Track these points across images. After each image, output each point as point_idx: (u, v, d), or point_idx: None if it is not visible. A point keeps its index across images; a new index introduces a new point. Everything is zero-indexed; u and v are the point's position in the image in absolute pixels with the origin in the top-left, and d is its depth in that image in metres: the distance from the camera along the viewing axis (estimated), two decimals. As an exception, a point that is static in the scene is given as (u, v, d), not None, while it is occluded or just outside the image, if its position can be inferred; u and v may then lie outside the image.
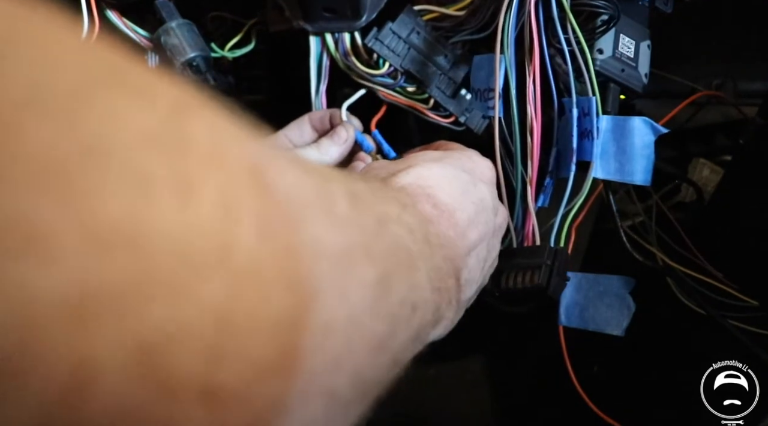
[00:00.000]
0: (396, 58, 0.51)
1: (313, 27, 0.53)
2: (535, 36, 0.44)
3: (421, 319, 0.27)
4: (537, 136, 0.45)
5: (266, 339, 0.16)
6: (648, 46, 0.51)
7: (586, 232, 0.71)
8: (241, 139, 0.18)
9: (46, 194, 0.12)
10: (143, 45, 0.53)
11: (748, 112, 0.63)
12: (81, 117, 0.13)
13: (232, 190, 0.16)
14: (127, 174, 0.13)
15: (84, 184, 0.13)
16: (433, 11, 0.52)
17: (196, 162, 0.15)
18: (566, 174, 0.44)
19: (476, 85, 0.52)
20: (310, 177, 0.21)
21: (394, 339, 0.24)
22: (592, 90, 0.44)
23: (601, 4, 0.44)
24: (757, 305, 0.54)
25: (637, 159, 0.44)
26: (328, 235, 0.20)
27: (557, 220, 0.45)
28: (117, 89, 0.15)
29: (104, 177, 0.13)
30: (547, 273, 0.43)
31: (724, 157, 0.63)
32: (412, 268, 0.27)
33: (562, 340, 0.49)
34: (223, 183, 0.15)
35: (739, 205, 0.54)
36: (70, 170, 0.13)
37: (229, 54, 0.60)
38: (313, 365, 0.18)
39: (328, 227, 0.20)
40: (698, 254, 0.57)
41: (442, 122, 0.53)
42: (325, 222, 0.20)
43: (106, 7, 0.51)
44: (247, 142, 0.18)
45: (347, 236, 0.21)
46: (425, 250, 0.29)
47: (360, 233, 0.23)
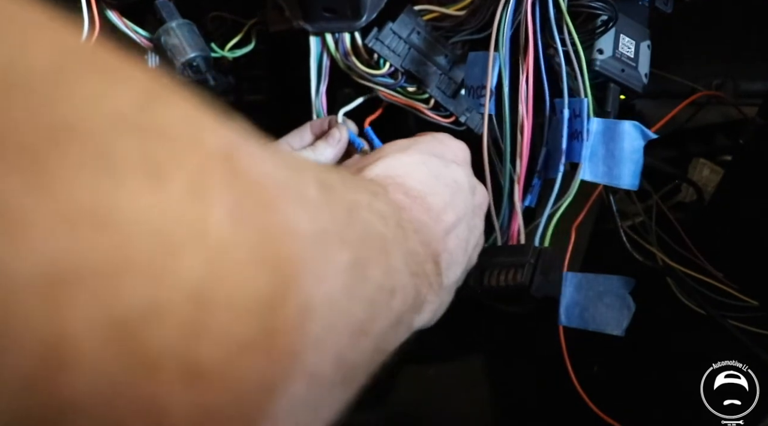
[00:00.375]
0: (396, 58, 0.51)
1: (313, 27, 0.53)
2: (531, 35, 0.44)
3: (401, 303, 0.27)
4: (527, 134, 0.45)
5: (246, 317, 0.16)
6: (648, 46, 0.51)
7: (586, 232, 0.71)
8: (214, 126, 0.18)
9: (18, 173, 0.12)
10: (143, 45, 0.53)
11: (748, 112, 0.63)
12: (55, 98, 0.14)
13: (203, 175, 0.16)
14: (99, 156, 0.14)
15: (56, 164, 0.13)
16: (434, 11, 0.52)
17: (169, 147, 0.15)
18: (554, 174, 0.45)
19: (470, 82, 0.52)
20: (282, 164, 0.21)
21: (375, 323, 0.25)
22: (584, 92, 0.44)
23: (598, 6, 0.44)
24: (757, 305, 0.54)
25: (626, 163, 0.44)
26: (301, 219, 0.20)
27: (543, 220, 0.45)
28: (91, 73, 0.15)
29: (76, 158, 0.13)
30: (530, 272, 0.42)
31: (724, 157, 0.63)
32: (387, 253, 0.27)
33: (562, 340, 0.49)
34: (195, 168, 0.16)
35: (739, 205, 0.54)
36: (42, 150, 0.13)
37: (229, 54, 0.60)
38: (295, 345, 0.18)
39: (301, 212, 0.20)
40: (698, 254, 0.57)
41: (443, 122, 0.53)
42: (298, 207, 0.20)
43: (106, 7, 0.51)
44: (220, 129, 0.18)
45: (319, 221, 0.22)
46: (399, 235, 0.29)
47: (331, 219, 0.23)
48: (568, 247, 0.50)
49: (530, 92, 0.45)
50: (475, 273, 0.46)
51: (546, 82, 0.45)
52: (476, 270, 0.47)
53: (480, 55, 0.51)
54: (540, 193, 0.48)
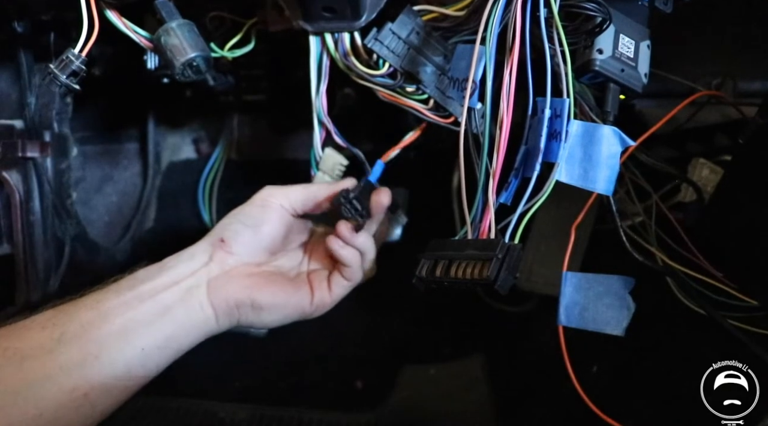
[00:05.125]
0: (395, 58, 0.51)
1: (313, 27, 0.53)
2: (518, 31, 0.44)
3: None
4: (506, 129, 0.45)
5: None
6: (648, 46, 0.51)
7: (586, 232, 0.71)
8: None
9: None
10: (143, 45, 0.53)
11: (748, 112, 0.63)
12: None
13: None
14: None
15: None
16: (433, 11, 0.52)
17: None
18: (530, 173, 0.45)
19: (455, 75, 0.52)
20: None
21: None
22: (567, 92, 0.44)
23: (591, 7, 0.44)
24: (757, 305, 0.54)
25: (602, 168, 0.44)
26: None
27: (515, 217, 0.45)
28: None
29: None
30: (497, 267, 0.42)
31: (724, 157, 0.63)
32: None
33: (562, 340, 0.49)
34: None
35: (739, 204, 0.54)
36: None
37: (229, 54, 0.60)
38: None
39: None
40: (698, 254, 0.57)
41: (442, 122, 0.53)
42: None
43: (106, 7, 0.51)
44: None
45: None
46: None
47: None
48: (567, 247, 0.50)
49: (512, 88, 0.45)
50: (428, 263, 0.46)
51: (531, 81, 0.45)
52: (428, 261, 0.47)
53: (468, 48, 0.51)
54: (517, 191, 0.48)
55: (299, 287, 0.54)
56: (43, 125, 0.75)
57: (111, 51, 0.80)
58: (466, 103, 0.47)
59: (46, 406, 0.43)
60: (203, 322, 0.51)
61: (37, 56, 0.73)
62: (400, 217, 0.67)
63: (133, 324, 0.47)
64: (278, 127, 1.00)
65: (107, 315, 0.47)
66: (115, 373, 0.46)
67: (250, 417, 0.76)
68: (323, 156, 0.60)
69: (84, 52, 0.50)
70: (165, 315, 0.49)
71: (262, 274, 0.53)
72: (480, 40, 0.46)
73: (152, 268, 0.51)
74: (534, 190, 0.44)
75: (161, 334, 0.48)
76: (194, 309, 0.50)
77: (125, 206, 0.97)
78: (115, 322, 0.47)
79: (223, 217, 0.55)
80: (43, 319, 0.47)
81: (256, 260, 0.54)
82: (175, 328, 0.49)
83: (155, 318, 0.48)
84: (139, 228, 0.96)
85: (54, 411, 0.44)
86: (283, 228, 0.55)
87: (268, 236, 0.54)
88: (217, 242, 0.53)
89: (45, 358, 0.44)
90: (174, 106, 0.99)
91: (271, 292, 0.52)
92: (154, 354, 0.48)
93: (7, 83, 0.74)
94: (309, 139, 0.59)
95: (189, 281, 0.51)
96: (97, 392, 0.45)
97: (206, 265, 0.52)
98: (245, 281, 0.52)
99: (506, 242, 0.44)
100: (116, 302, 0.48)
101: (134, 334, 0.47)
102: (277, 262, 0.56)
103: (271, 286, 0.52)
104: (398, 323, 0.87)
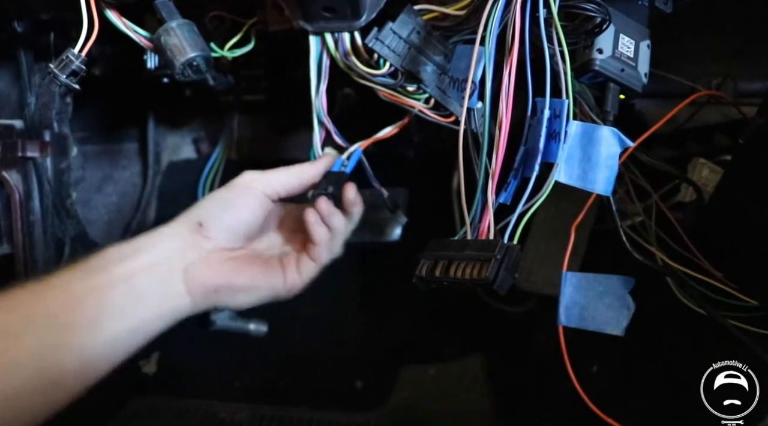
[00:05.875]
0: (396, 58, 0.51)
1: (313, 27, 0.53)
2: (518, 31, 0.44)
3: None
4: (505, 130, 0.45)
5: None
6: (648, 45, 0.51)
7: (586, 232, 0.71)
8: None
9: None
10: (143, 45, 0.53)
11: (748, 112, 0.63)
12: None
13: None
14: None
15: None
16: (434, 11, 0.51)
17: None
18: (530, 174, 0.45)
19: (455, 75, 0.52)
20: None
21: None
22: (566, 92, 0.44)
23: (590, 8, 0.44)
24: (757, 305, 0.54)
25: (601, 168, 0.44)
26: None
27: (514, 217, 0.45)
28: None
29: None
30: (496, 267, 0.42)
31: (724, 157, 0.63)
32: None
33: (562, 340, 0.49)
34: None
35: (739, 204, 0.54)
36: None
37: (229, 54, 0.60)
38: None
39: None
40: (698, 254, 0.56)
41: (442, 122, 0.54)
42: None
43: (106, 7, 0.51)
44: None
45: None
46: None
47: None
48: (567, 247, 0.50)
49: (512, 88, 0.45)
50: (428, 263, 0.46)
51: (530, 81, 0.45)
52: (427, 261, 0.47)
53: (467, 48, 0.51)
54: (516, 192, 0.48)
55: (273, 269, 0.54)
56: (43, 125, 0.75)
57: (111, 51, 0.80)
58: (466, 104, 0.47)
59: (13, 390, 0.42)
60: (178, 307, 0.50)
61: (37, 56, 0.74)
62: (400, 217, 0.67)
63: (105, 310, 0.46)
64: (278, 127, 1.00)
65: (78, 299, 0.45)
66: (85, 359, 0.45)
67: (250, 417, 0.76)
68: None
69: (84, 52, 0.50)
70: (139, 302, 0.48)
71: (239, 257, 0.53)
72: (479, 40, 0.46)
73: (125, 247, 0.50)
74: (533, 191, 0.44)
75: (134, 320, 0.47)
76: (169, 296, 0.49)
77: (125, 206, 0.97)
78: (86, 307, 0.45)
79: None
80: (10, 301, 0.44)
81: (233, 245, 0.53)
82: (149, 314, 0.48)
83: (128, 304, 0.47)
84: (139, 228, 0.95)
85: (21, 395, 0.42)
86: (262, 214, 0.54)
87: (247, 222, 0.53)
88: (194, 226, 0.52)
89: (10, 342, 0.43)
90: (174, 106, 0.99)
91: (249, 276, 0.52)
92: (126, 339, 0.47)
93: (7, 83, 0.74)
94: (309, 139, 0.59)
95: (164, 266, 0.49)
96: (66, 377, 0.44)
97: (182, 251, 0.51)
98: (222, 266, 0.51)
99: (505, 243, 0.44)
100: (87, 285, 0.46)
101: (106, 320, 0.46)
102: (252, 245, 0.56)
103: (248, 270, 0.52)
104: (398, 323, 0.86)
